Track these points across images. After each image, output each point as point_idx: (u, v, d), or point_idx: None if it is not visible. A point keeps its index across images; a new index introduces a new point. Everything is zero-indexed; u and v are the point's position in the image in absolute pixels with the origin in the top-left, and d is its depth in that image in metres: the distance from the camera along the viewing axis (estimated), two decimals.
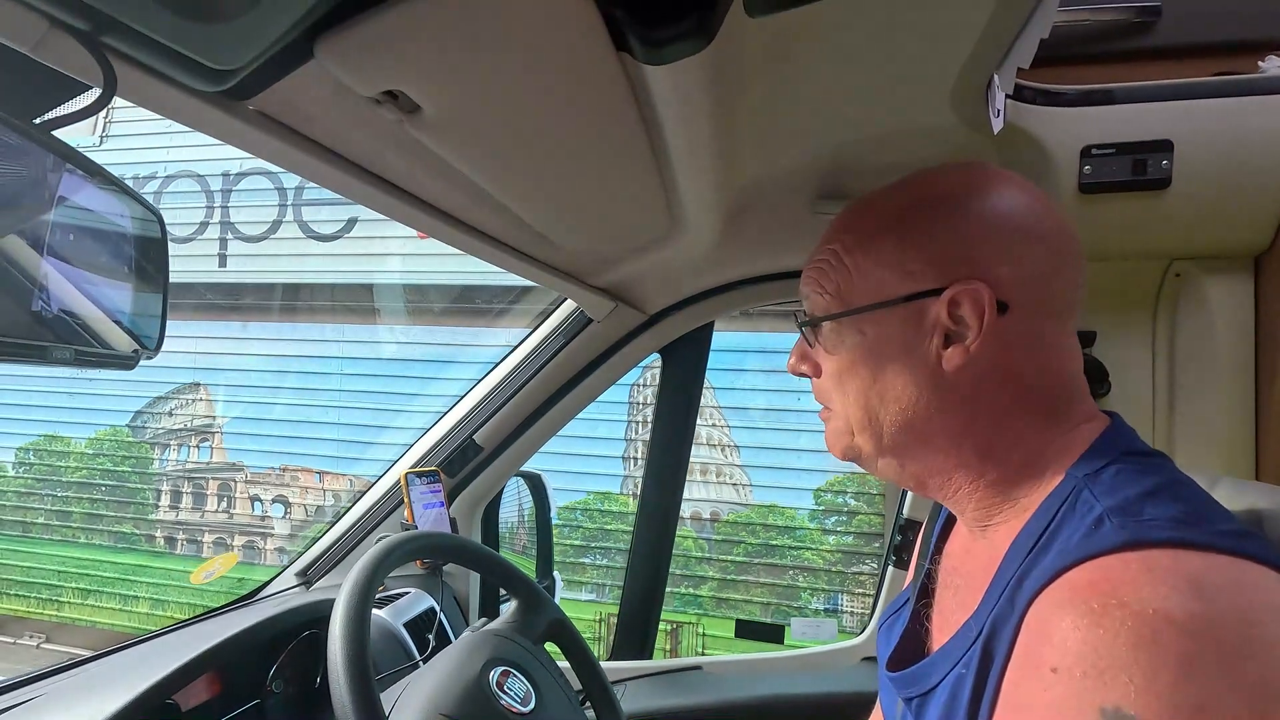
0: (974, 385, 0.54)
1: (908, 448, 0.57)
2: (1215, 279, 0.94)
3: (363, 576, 0.65)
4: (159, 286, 0.46)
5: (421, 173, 0.70)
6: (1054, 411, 0.54)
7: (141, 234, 0.45)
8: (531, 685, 0.76)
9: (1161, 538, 0.42)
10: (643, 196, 0.86)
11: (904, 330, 0.55)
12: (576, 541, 4.13)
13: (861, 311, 0.57)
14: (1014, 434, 0.54)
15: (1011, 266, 0.53)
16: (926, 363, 0.54)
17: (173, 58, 0.39)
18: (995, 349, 0.53)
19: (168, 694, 0.73)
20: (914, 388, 0.55)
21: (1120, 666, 0.37)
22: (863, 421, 0.58)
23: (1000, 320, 0.52)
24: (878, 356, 0.56)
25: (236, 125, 0.51)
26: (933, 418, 0.55)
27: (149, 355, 0.45)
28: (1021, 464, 0.54)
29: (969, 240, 0.54)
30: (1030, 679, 0.43)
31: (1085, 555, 0.43)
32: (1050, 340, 0.55)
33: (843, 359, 0.59)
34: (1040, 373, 0.54)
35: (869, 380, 0.57)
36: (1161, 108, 0.87)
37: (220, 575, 4.58)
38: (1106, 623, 0.39)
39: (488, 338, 4.23)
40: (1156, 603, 0.38)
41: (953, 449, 0.55)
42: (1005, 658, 0.46)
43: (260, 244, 4.67)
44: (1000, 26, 0.66)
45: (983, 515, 0.57)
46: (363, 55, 0.47)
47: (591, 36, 0.52)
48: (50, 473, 4.98)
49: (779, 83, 0.77)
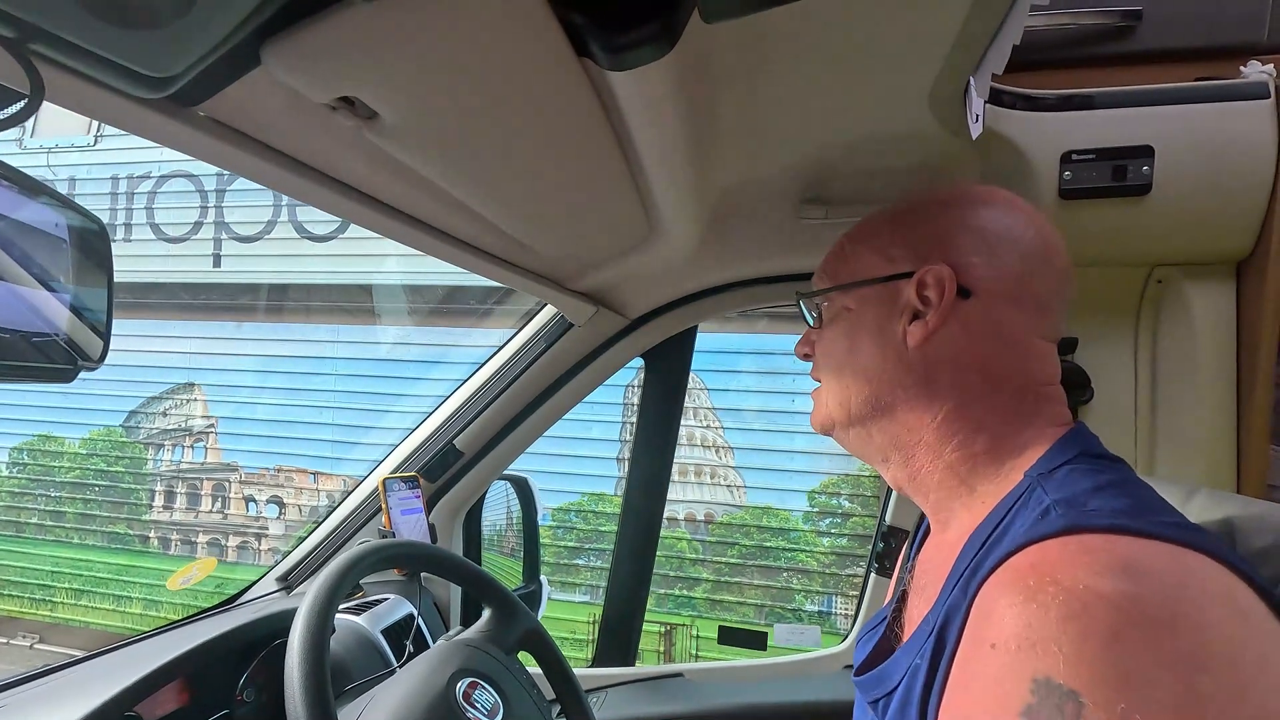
0: (934, 364, 0.58)
1: (873, 419, 0.62)
2: (1197, 285, 0.93)
3: (324, 589, 0.64)
4: (102, 296, 0.45)
5: (388, 179, 0.69)
6: (1020, 411, 0.57)
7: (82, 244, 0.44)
8: (500, 697, 0.75)
9: (1101, 524, 0.43)
10: (619, 202, 0.85)
11: (880, 307, 0.61)
12: (570, 543, 4.12)
13: (846, 288, 0.64)
14: (975, 421, 0.57)
15: (982, 259, 0.58)
16: (894, 339, 0.59)
17: (106, 65, 0.38)
18: (956, 331, 0.57)
19: (129, 706, 0.72)
20: (880, 360, 0.60)
21: (1050, 638, 0.38)
22: (837, 390, 0.64)
23: (962, 304, 0.57)
24: (856, 330, 0.63)
25: (186, 131, 0.50)
26: (895, 390, 0.60)
27: (91, 366, 0.44)
28: (983, 453, 0.57)
29: (946, 233, 0.60)
30: (973, 657, 0.44)
31: (1028, 540, 0.45)
32: (1017, 337, 0.58)
33: (830, 333, 0.65)
34: (1006, 368, 0.57)
35: (846, 351, 0.63)
36: (1142, 113, 0.86)
37: (198, 580, 4.57)
38: (1040, 599, 0.40)
39: (481, 337, 4.22)
40: (1088, 580, 0.39)
41: (914, 424, 0.59)
42: (956, 643, 0.47)
43: (254, 244, 4.66)
44: (974, 32, 0.66)
45: (943, 502, 0.59)
46: (311, 61, 0.46)
47: (549, 42, 0.51)
48: (44, 473, 4.97)
49: (754, 87, 0.76)
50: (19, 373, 0.39)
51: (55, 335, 0.41)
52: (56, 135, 4.81)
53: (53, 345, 0.41)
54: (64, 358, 0.42)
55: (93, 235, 0.45)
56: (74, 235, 0.44)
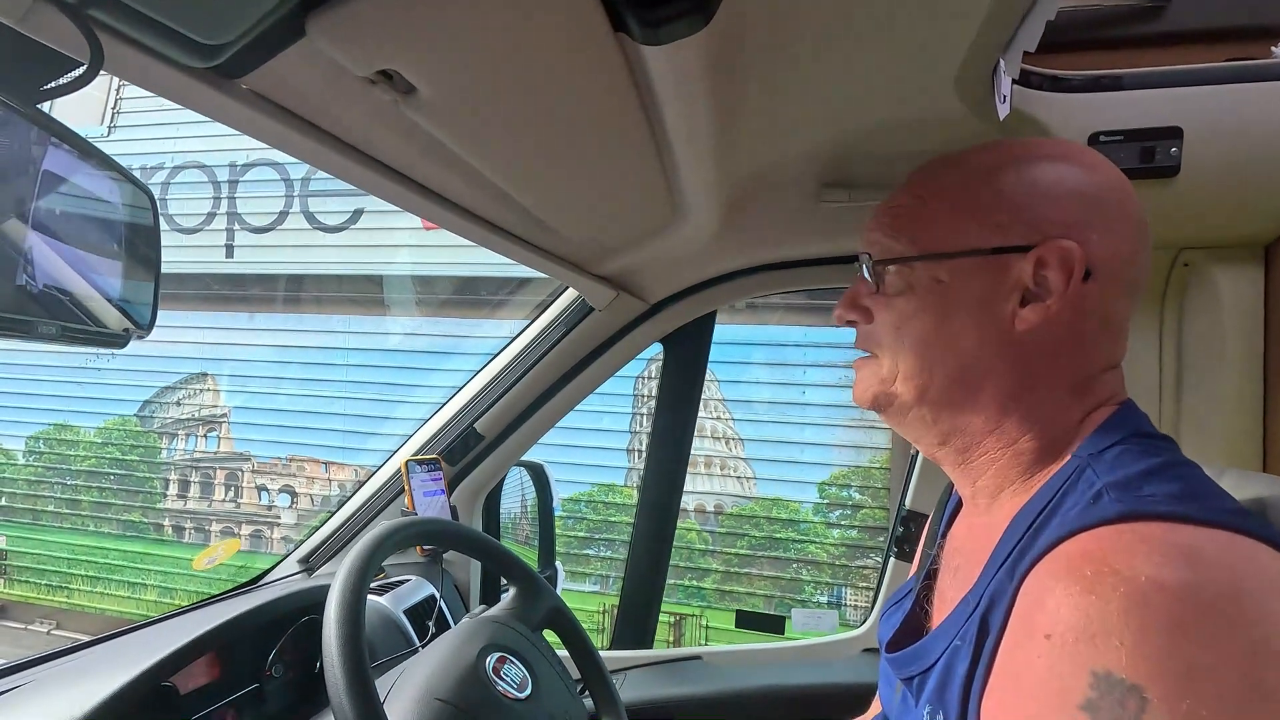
0: (1040, 351, 0.52)
1: (951, 404, 0.55)
2: (1224, 269, 0.92)
3: (359, 561, 0.65)
4: (151, 267, 0.45)
5: (420, 157, 0.69)
6: (1089, 390, 0.54)
7: (134, 214, 0.45)
8: (529, 671, 0.76)
9: (1158, 511, 0.42)
10: (644, 183, 0.86)
11: (983, 282, 0.53)
12: (581, 533, 4.14)
13: (943, 258, 0.55)
14: (1054, 407, 0.53)
15: (1101, 235, 0.52)
16: (999, 319, 0.53)
17: (161, 32, 0.39)
18: (1070, 316, 0.52)
19: (165, 676, 0.73)
20: (979, 343, 0.53)
21: (1111, 631, 0.37)
22: (914, 369, 0.56)
23: (1082, 287, 0.51)
24: (949, 305, 0.54)
25: (229, 103, 0.50)
26: (987, 376, 0.53)
27: (141, 335, 0.45)
28: (1051, 438, 0.53)
29: (1063, 202, 0.52)
30: (1024, 646, 0.43)
31: (1081, 526, 0.43)
32: (1117, 319, 0.54)
33: (908, 304, 0.56)
34: (1102, 353, 0.54)
35: (933, 328, 0.55)
36: (1171, 94, 0.85)
37: (222, 561, 4.61)
38: (1099, 589, 0.39)
39: (492, 329, 4.23)
40: (1149, 570, 0.38)
41: (995, 413, 0.54)
42: (1001, 629, 0.46)
43: (266, 235, 4.68)
44: (1005, 9, 0.65)
45: (994, 487, 0.56)
46: (355, 34, 0.47)
47: (588, 16, 0.52)
48: (60, 461, 5.02)
49: (780, 68, 0.76)
50: (75, 336, 0.40)
51: (110, 300, 0.42)
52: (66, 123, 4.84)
53: (106, 311, 0.42)
54: (117, 323, 0.43)
55: (143, 205, 0.46)
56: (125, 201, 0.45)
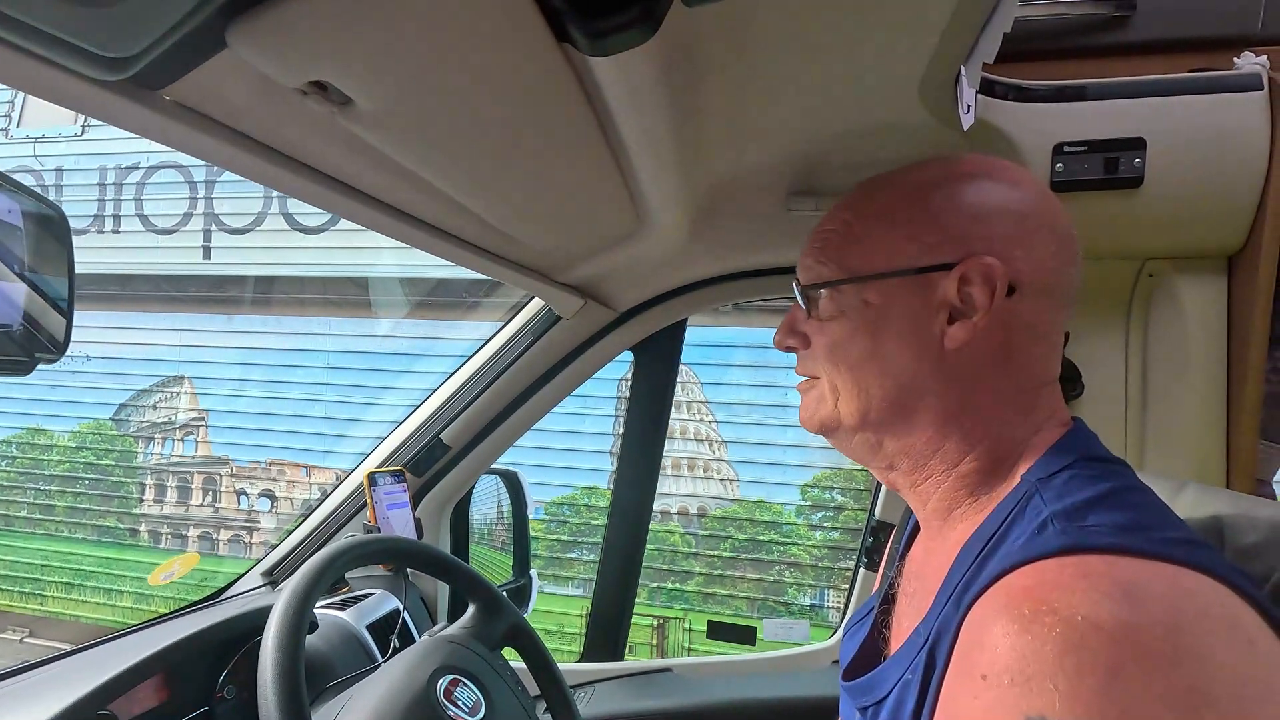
0: (972, 368, 0.53)
1: (891, 425, 0.56)
2: (1188, 279, 0.92)
3: (301, 586, 0.63)
4: (63, 286, 0.43)
5: (366, 167, 0.67)
6: (1029, 407, 0.54)
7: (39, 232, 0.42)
8: (482, 694, 0.74)
9: (1101, 544, 0.41)
10: (606, 193, 0.84)
11: (911, 302, 0.54)
12: (563, 536, 4.12)
13: (869, 279, 0.55)
14: (997, 426, 0.53)
15: (1024, 250, 0.52)
16: (929, 339, 0.53)
17: (58, 44, 0.36)
18: (997, 332, 0.52)
19: (105, 703, 0.71)
20: (912, 363, 0.54)
21: (1046, 674, 0.36)
22: (851, 393, 0.56)
23: (1008, 302, 0.52)
24: (879, 327, 0.55)
25: (150, 116, 0.48)
26: (924, 396, 0.54)
27: (51, 358, 0.42)
28: (995, 459, 0.53)
29: (986, 219, 0.53)
30: (963, 686, 0.42)
31: (1024, 559, 0.43)
32: (1050, 334, 0.54)
33: (841, 328, 0.57)
34: (1036, 367, 0.54)
35: (867, 351, 0.55)
36: (1134, 104, 0.85)
37: (180, 576, 4.54)
38: (1035, 629, 0.38)
39: (473, 330, 4.20)
40: (1085, 609, 0.37)
41: (936, 434, 0.54)
42: (945, 663, 0.45)
43: (245, 236, 4.62)
44: (963, 21, 0.64)
45: (944, 508, 0.56)
46: (279, 44, 0.44)
47: (527, 26, 0.50)
48: (33, 466, 4.93)
49: (740, 76, 0.75)
50: None
51: (10, 326, 0.40)
52: (43, 125, 4.75)
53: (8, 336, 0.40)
54: (20, 349, 0.40)
55: (51, 222, 0.44)
56: (30, 222, 0.42)
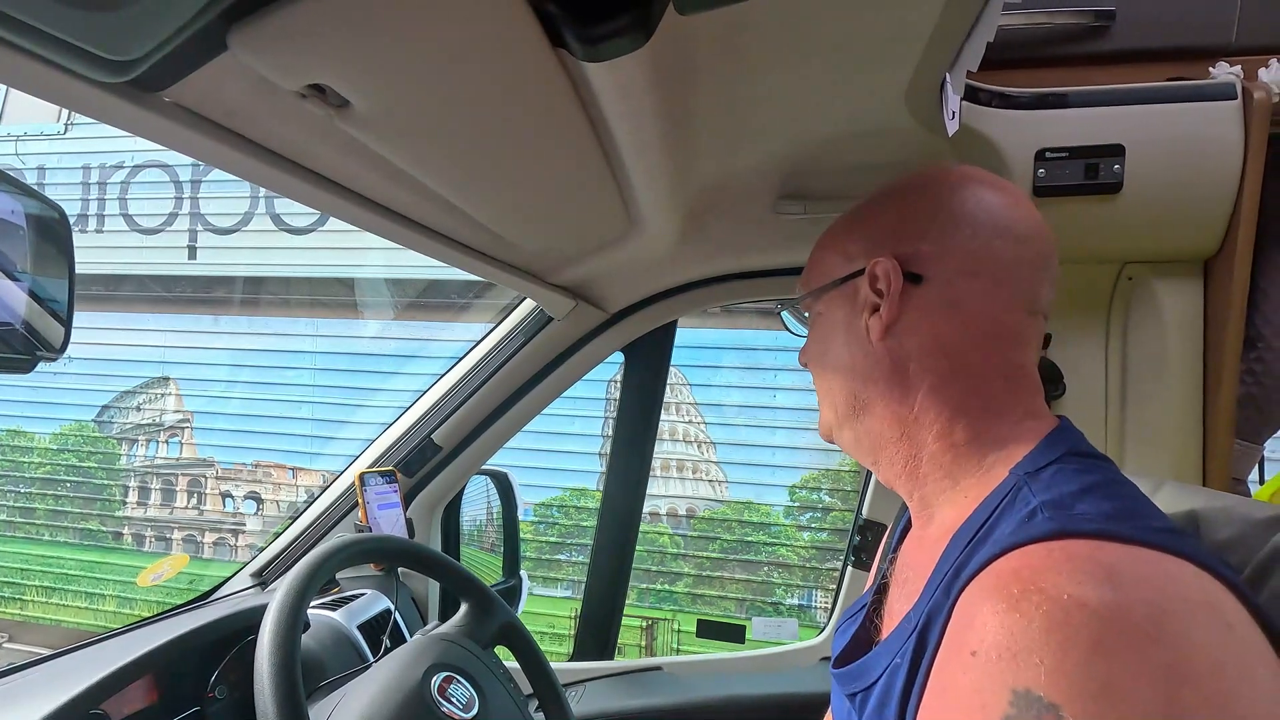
0: (900, 354, 0.58)
1: (857, 418, 0.62)
2: (1166, 282, 0.95)
3: (295, 585, 0.63)
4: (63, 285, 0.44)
5: (362, 169, 0.68)
6: (994, 394, 0.56)
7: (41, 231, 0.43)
8: (476, 691, 0.75)
9: (1088, 530, 0.43)
10: (597, 195, 0.85)
11: (844, 308, 0.62)
12: (553, 538, 4.11)
13: (816, 294, 0.65)
14: (951, 407, 0.57)
15: (930, 242, 0.58)
16: (861, 336, 0.60)
17: (62, 46, 0.37)
18: (915, 318, 0.58)
19: (95, 704, 0.71)
20: (851, 358, 0.61)
21: (1032, 649, 0.38)
22: (825, 397, 0.65)
23: (914, 289, 0.57)
24: (829, 333, 0.64)
25: (151, 118, 0.49)
26: (869, 387, 0.60)
27: (51, 357, 0.43)
28: (964, 443, 0.56)
29: (894, 222, 0.60)
30: (953, 663, 0.44)
31: (1013, 544, 0.44)
32: (977, 310, 0.56)
33: (811, 341, 0.67)
34: (973, 345, 0.57)
35: (823, 355, 0.65)
36: (1114, 112, 0.87)
37: (169, 577, 4.49)
38: (1023, 608, 0.39)
39: (462, 331, 4.19)
40: (1071, 589, 0.39)
41: (892, 418, 0.59)
42: (936, 646, 0.47)
43: (231, 236, 4.58)
44: (948, 29, 0.66)
45: (928, 496, 0.59)
46: (279, 47, 0.45)
47: (524, 32, 0.51)
48: (13, 468, 4.85)
49: (731, 82, 0.76)
50: None
51: (12, 324, 0.40)
52: (25, 123, 4.69)
53: (10, 334, 0.40)
54: (22, 347, 0.41)
55: (52, 222, 0.44)
56: (32, 222, 0.43)
